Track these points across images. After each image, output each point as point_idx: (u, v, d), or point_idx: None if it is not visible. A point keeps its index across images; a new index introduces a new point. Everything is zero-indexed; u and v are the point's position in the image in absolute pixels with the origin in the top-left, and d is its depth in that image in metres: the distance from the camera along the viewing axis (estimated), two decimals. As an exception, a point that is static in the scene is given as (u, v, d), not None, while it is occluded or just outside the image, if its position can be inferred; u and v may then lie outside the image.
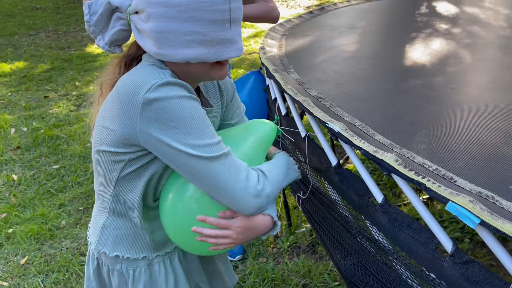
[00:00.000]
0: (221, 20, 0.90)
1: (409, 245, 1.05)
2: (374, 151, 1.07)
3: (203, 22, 0.89)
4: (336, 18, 3.08)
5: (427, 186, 0.92)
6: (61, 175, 3.33)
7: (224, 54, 0.93)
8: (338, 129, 1.19)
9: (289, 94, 1.49)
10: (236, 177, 0.94)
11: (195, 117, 0.91)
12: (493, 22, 2.82)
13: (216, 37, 0.91)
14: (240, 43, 0.96)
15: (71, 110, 4.48)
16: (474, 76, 1.76)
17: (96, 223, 1.15)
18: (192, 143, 0.91)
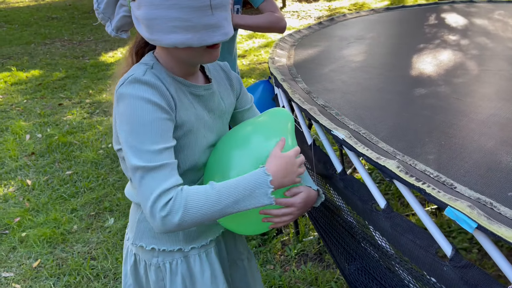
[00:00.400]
0: (202, 6, 0.95)
1: (410, 250, 1.07)
2: (376, 158, 1.10)
3: (185, 9, 0.95)
4: (345, 29, 3.12)
5: (427, 191, 0.96)
6: (73, 181, 3.40)
7: (208, 39, 0.97)
8: (342, 136, 1.23)
9: (296, 103, 1.53)
10: (147, 194, 0.94)
11: (144, 120, 0.96)
12: (501, 33, 2.84)
13: (199, 23, 0.96)
14: (226, 27, 0.99)
15: (84, 117, 4.57)
16: (479, 87, 1.79)
17: (133, 219, 1.23)
18: (130, 142, 0.96)
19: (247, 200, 0.97)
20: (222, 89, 1.24)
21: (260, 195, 0.97)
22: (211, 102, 1.17)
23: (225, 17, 0.99)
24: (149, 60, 1.09)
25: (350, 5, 10.51)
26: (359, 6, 10.34)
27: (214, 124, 1.18)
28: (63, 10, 11.31)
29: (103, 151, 3.85)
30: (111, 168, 3.58)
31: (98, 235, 2.78)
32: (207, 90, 1.15)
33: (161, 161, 0.95)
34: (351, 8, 10.11)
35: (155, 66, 1.07)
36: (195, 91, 1.12)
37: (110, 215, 3.00)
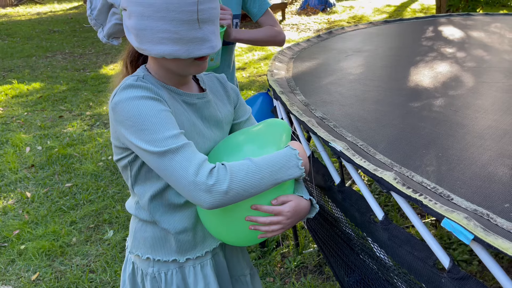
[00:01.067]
0: (190, 20, 0.98)
1: (408, 262, 1.08)
2: (374, 170, 1.11)
3: (174, 22, 0.98)
4: (343, 41, 3.15)
5: (424, 203, 0.96)
6: (73, 193, 3.40)
7: (195, 52, 1.00)
8: (340, 148, 1.24)
9: (295, 115, 1.54)
10: (184, 172, 0.94)
11: (149, 114, 0.98)
12: (497, 46, 2.86)
13: (186, 36, 0.99)
14: (214, 41, 1.02)
15: (84, 129, 4.59)
16: (476, 99, 1.80)
17: (132, 228, 1.25)
18: (145, 138, 0.97)
19: (283, 171, 1.02)
20: (218, 99, 1.26)
21: (293, 167, 1.03)
22: (205, 111, 1.19)
23: (212, 31, 1.02)
24: (140, 72, 1.12)
25: (349, 18, 10.61)
26: (358, 19, 10.43)
27: (210, 133, 1.19)
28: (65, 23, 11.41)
29: (103, 163, 3.86)
30: (110, 180, 3.58)
31: (97, 248, 2.77)
32: (200, 99, 1.17)
33: (183, 141, 0.98)
34: (350, 21, 10.20)
35: (146, 77, 1.09)
36: (188, 100, 1.14)
37: (109, 227, 2.99)
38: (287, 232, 2.83)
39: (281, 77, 2.09)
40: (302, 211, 1.11)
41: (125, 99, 0.99)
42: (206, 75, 1.31)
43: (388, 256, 1.16)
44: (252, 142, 1.15)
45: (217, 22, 1.04)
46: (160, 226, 1.17)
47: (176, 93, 1.12)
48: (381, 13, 11.07)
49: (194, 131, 1.13)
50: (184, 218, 1.17)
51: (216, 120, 1.21)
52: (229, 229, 1.09)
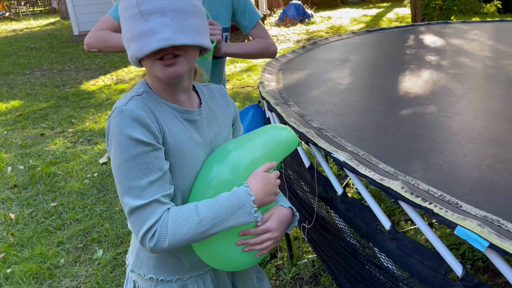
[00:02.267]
0: (134, 14, 0.95)
1: (419, 271, 1.07)
2: (380, 179, 1.11)
3: (127, 21, 0.98)
4: (328, 52, 3.18)
5: (435, 211, 0.96)
6: (59, 213, 3.31)
7: (147, 47, 0.95)
8: (343, 158, 1.23)
9: (292, 126, 1.53)
10: (135, 230, 1.00)
11: (127, 157, 0.98)
12: (478, 52, 2.93)
13: (137, 31, 0.96)
14: (165, 33, 0.94)
15: (67, 147, 4.49)
16: (465, 105, 1.83)
17: (133, 246, 1.22)
18: (118, 176, 1.00)
19: (230, 220, 1.01)
20: (219, 111, 1.24)
21: (244, 215, 1.02)
22: (205, 126, 1.17)
23: (164, 23, 0.95)
24: (140, 87, 1.09)
25: (327, 28, 10.76)
26: (336, 29, 10.59)
27: (211, 147, 1.17)
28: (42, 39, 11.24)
29: (88, 180, 3.78)
30: (97, 198, 3.51)
31: (87, 268, 2.69)
32: (200, 114, 1.16)
33: (146, 198, 0.98)
34: (328, 31, 10.34)
35: (145, 94, 1.07)
36: (189, 117, 1.12)
37: (98, 246, 2.91)
38: (281, 243, 2.81)
39: (273, 89, 2.09)
40: (286, 220, 1.15)
41: (113, 130, 1.00)
42: (205, 86, 1.29)
43: (397, 265, 1.16)
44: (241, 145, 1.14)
45: (176, 16, 0.96)
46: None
47: (177, 111, 1.10)
48: (358, 23, 11.26)
49: (195, 147, 1.11)
50: None
51: (217, 132, 1.20)
52: (227, 259, 1.09)
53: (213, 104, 1.24)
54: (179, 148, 1.07)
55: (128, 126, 0.99)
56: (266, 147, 1.12)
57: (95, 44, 2.00)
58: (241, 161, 1.07)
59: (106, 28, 2.03)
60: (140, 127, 0.99)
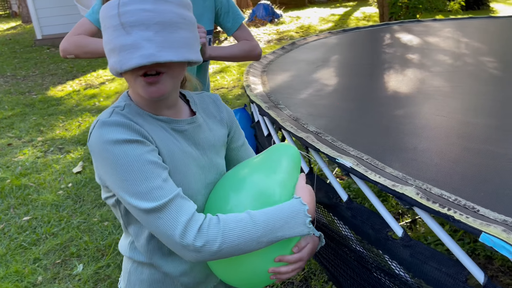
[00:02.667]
0: (115, 25, 0.87)
1: (436, 278, 1.04)
2: (392, 185, 1.07)
3: (108, 30, 0.89)
4: (308, 52, 3.15)
5: (456, 218, 0.93)
6: (33, 227, 3.14)
7: (127, 62, 0.86)
8: (350, 164, 1.19)
9: (289, 131, 1.48)
10: (171, 233, 0.86)
11: (127, 162, 0.87)
12: (455, 49, 2.97)
13: (117, 44, 0.87)
14: (148, 49, 0.86)
15: (37, 156, 4.29)
16: (454, 103, 1.83)
17: (125, 269, 1.13)
18: (127, 189, 0.87)
19: (285, 229, 0.92)
20: (211, 120, 1.16)
21: (298, 225, 0.93)
22: (197, 136, 1.08)
23: (147, 37, 0.86)
24: (121, 101, 1.01)
25: (297, 28, 10.80)
26: (306, 28, 10.64)
27: (206, 160, 1.09)
28: (3, 45, 10.79)
29: (62, 191, 3.61)
30: (73, 209, 3.35)
31: (67, 285, 2.56)
32: (190, 124, 1.07)
33: (169, 194, 0.88)
34: (298, 31, 10.38)
35: (127, 107, 0.98)
36: (177, 127, 1.04)
37: (78, 261, 2.78)
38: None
39: (261, 92, 2.03)
40: (315, 248, 1.09)
41: (100, 143, 0.89)
42: (198, 94, 1.21)
43: (410, 273, 1.12)
44: (260, 171, 1.06)
45: (160, 29, 0.87)
46: (160, 270, 1.06)
47: (163, 121, 1.01)
48: (327, 22, 11.36)
49: (188, 161, 1.03)
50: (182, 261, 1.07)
51: (210, 144, 1.11)
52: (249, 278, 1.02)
53: (205, 114, 1.16)
54: (171, 159, 0.99)
55: (116, 132, 0.89)
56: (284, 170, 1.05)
57: (72, 50, 1.89)
58: (263, 188, 1.00)
59: (83, 32, 1.93)
60: (130, 131, 0.90)
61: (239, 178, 1.05)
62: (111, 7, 0.88)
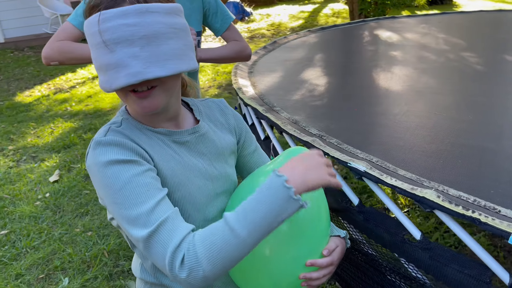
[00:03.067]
0: (98, 43, 0.81)
1: (458, 280, 1.03)
2: (411, 189, 1.06)
3: (92, 47, 0.84)
4: (291, 51, 3.13)
5: (482, 221, 0.92)
6: (12, 241, 2.99)
7: (115, 82, 0.81)
8: (364, 168, 1.17)
9: (292, 135, 1.45)
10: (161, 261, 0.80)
11: (119, 184, 0.83)
12: (435, 45, 3.02)
13: (103, 63, 0.82)
14: (134, 66, 0.80)
15: (10, 166, 4.11)
16: (448, 101, 1.85)
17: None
18: (119, 213, 0.83)
19: (267, 211, 0.78)
20: (217, 128, 1.11)
21: (283, 204, 0.78)
22: (201, 146, 1.03)
23: (132, 54, 0.80)
24: (119, 116, 0.97)
25: (268, 25, 10.79)
26: (276, 26, 10.66)
27: (213, 170, 1.04)
28: (-39, 48, 10.29)
29: (40, 202, 3.47)
30: (53, 220, 3.22)
31: (53, 301, 2.46)
32: (192, 134, 1.01)
33: (157, 220, 0.81)
34: (269, 28, 10.38)
35: (124, 122, 0.94)
36: (178, 139, 0.98)
37: (63, 274, 2.67)
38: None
39: (253, 94, 1.99)
40: (343, 253, 1.05)
41: (95, 165, 0.85)
42: (202, 101, 1.16)
43: (428, 275, 1.12)
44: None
45: (146, 43, 0.81)
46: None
47: (162, 134, 0.96)
48: (297, 19, 11.41)
49: (191, 174, 0.97)
50: None
51: (217, 153, 1.06)
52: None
53: (211, 121, 1.10)
54: (172, 175, 0.94)
55: (111, 152, 0.85)
56: None
57: (56, 57, 1.80)
58: None
59: (66, 38, 1.84)
60: (126, 150, 0.86)
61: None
62: (92, 24, 0.82)
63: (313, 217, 0.97)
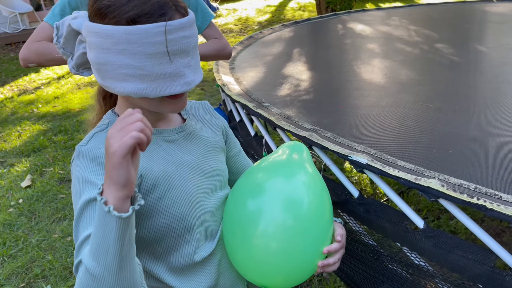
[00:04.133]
0: (158, 53, 0.83)
1: (461, 266, 1.07)
2: (415, 179, 1.08)
3: (137, 56, 0.83)
4: (268, 46, 3.13)
5: (488, 207, 0.96)
6: (-14, 251, 2.87)
7: (166, 90, 0.85)
8: (365, 161, 1.19)
9: (288, 130, 1.46)
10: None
11: (79, 203, 0.83)
12: (408, 38, 3.09)
13: (154, 72, 0.84)
14: (189, 75, 0.87)
15: (-23, 173, 3.93)
16: (434, 92, 1.90)
17: None
18: (74, 229, 0.84)
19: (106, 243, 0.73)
20: (206, 126, 1.13)
21: (106, 222, 0.72)
22: (190, 144, 1.05)
23: (187, 63, 0.86)
24: (105, 119, 0.97)
25: (235, 20, 10.75)
26: (244, 21, 10.62)
27: (206, 167, 1.05)
28: None
29: (14, 209, 3.33)
30: (29, 227, 3.11)
31: (37, 310, 2.37)
32: (180, 132, 1.04)
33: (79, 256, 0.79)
34: (237, 23, 10.34)
35: (111, 125, 0.93)
36: (167, 137, 1.01)
37: (44, 282, 2.58)
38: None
39: (239, 91, 1.98)
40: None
41: (72, 174, 0.89)
42: (188, 103, 1.17)
43: (431, 262, 1.15)
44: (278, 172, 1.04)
45: (193, 53, 0.88)
46: None
47: (154, 133, 0.98)
48: (264, 14, 11.41)
49: (184, 172, 0.99)
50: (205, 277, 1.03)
51: (207, 149, 1.08)
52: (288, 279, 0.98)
53: (198, 120, 1.13)
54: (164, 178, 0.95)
55: (79, 166, 0.87)
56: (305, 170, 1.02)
57: (33, 58, 1.72)
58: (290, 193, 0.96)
59: (44, 38, 1.77)
60: (93, 164, 0.87)
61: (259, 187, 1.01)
62: (154, 34, 0.81)
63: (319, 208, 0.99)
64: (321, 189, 1.01)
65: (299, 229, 0.96)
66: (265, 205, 0.96)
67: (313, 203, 0.98)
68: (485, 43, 2.80)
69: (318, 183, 1.01)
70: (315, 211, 0.98)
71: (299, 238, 0.95)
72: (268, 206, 0.96)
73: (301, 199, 0.96)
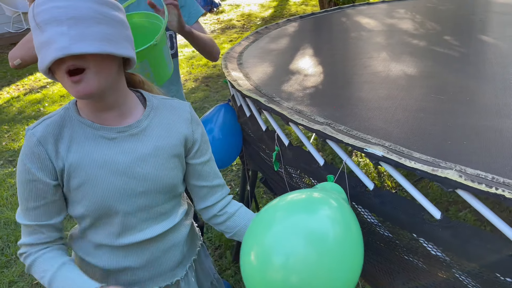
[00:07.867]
0: (33, 27, 0.92)
1: (479, 255, 1.08)
2: (432, 170, 1.09)
3: (33, 34, 0.94)
4: (274, 41, 3.14)
5: (507, 196, 0.96)
6: (0, 248, 2.90)
7: (46, 58, 0.91)
8: (381, 153, 1.20)
9: (302, 124, 1.47)
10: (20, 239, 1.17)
11: (18, 180, 1.08)
12: (414, 31, 3.09)
13: (37, 44, 0.92)
14: (61, 42, 0.89)
15: (-13, 172, 3.96)
16: (441, 83, 1.90)
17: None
18: (18, 195, 1.10)
19: None
20: (163, 129, 1.15)
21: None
22: (128, 143, 1.10)
23: (61, 32, 0.89)
24: (65, 105, 1.11)
25: (238, 16, 10.73)
26: (247, 16, 10.60)
27: (137, 168, 1.11)
28: None
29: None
30: (41, 225, 3.13)
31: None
32: (122, 132, 1.10)
33: (26, 221, 1.10)
34: (240, 19, 10.32)
35: (64, 111, 1.09)
36: (106, 135, 1.08)
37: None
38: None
39: (249, 86, 1.99)
40: None
41: (20, 151, 1.08)
42: (163, 99, 1.20)
43: (447, 252, 1.16)
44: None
45: (73, 23, 0.90)
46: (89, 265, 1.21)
47: (93, 128, 1.08)
48: (267, 9, 11.38)
49: (105, 171, 1.08)
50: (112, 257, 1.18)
51: (148, 153, 1.12)
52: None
53: (159, 121, 1.15)
54: (82, 171, 1.07)
55: (26, 155, 1.05)
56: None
57: (17, 52, 1.69)
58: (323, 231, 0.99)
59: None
60: (32, 157, 1.04)
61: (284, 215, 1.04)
62: (29, 11, 0.92)
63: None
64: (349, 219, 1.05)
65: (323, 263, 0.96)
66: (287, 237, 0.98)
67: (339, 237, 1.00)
68: (492, 34, 2.79)
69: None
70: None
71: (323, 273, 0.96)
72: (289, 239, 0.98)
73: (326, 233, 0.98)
